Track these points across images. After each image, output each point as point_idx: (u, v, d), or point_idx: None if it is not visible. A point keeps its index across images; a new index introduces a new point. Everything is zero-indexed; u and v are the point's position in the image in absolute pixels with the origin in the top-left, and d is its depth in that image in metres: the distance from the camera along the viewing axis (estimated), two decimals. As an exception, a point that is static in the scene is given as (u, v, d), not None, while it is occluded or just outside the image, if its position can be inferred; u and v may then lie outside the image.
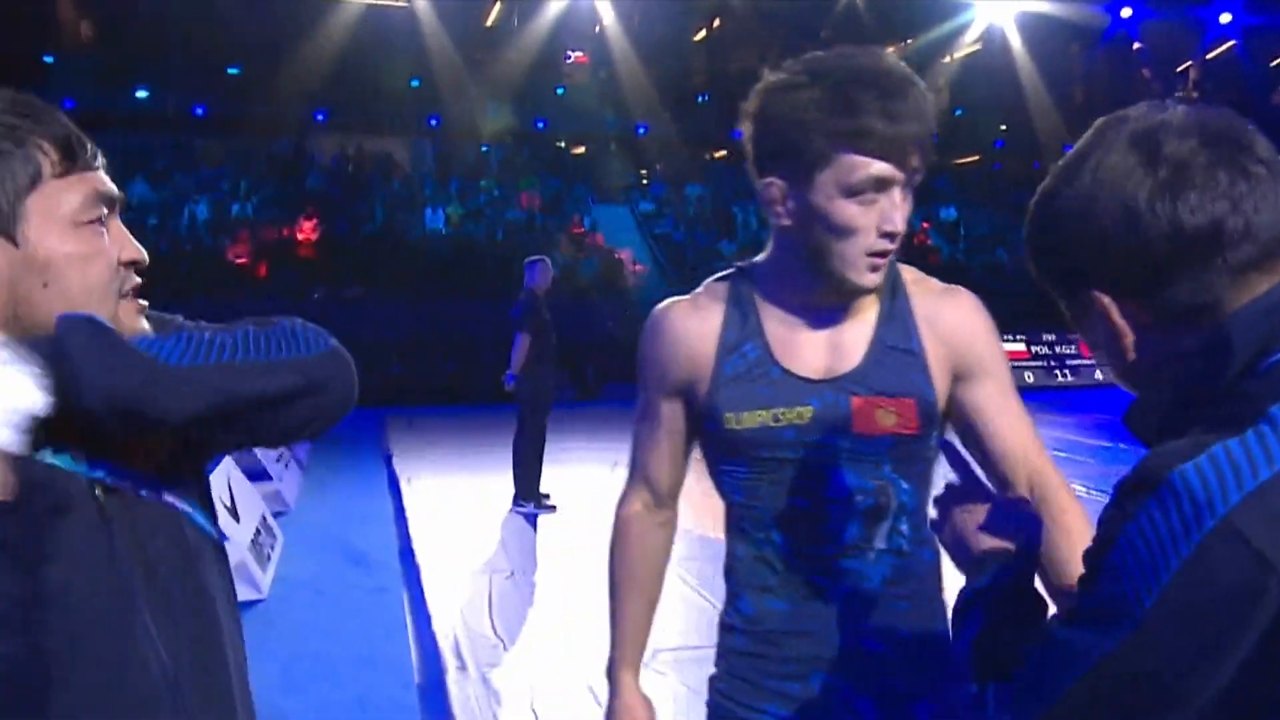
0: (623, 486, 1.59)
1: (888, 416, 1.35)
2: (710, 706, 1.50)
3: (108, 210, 0.98)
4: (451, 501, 7.44)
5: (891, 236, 1.31)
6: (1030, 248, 0.92)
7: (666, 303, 1.51)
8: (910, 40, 21.55)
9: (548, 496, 7.13)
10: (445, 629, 4.64)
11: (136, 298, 1.01)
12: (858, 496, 1.37)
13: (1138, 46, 23.37)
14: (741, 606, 1.46)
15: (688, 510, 1.63)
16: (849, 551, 1.38)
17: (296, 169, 20.11)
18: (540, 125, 21.95)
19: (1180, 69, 23.32)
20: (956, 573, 1.06)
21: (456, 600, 5.06)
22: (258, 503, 5.87)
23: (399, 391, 12.30)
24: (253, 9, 18.60)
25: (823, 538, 1.39)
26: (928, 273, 1.49)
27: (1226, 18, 22.29)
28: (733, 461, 1.42)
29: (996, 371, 1.42)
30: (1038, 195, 0.91)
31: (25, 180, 0.91)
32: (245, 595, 4.67)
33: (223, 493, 5.10)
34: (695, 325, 1.44)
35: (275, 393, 0.94)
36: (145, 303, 1.02)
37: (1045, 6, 21.40)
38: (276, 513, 6.52)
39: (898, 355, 1.38)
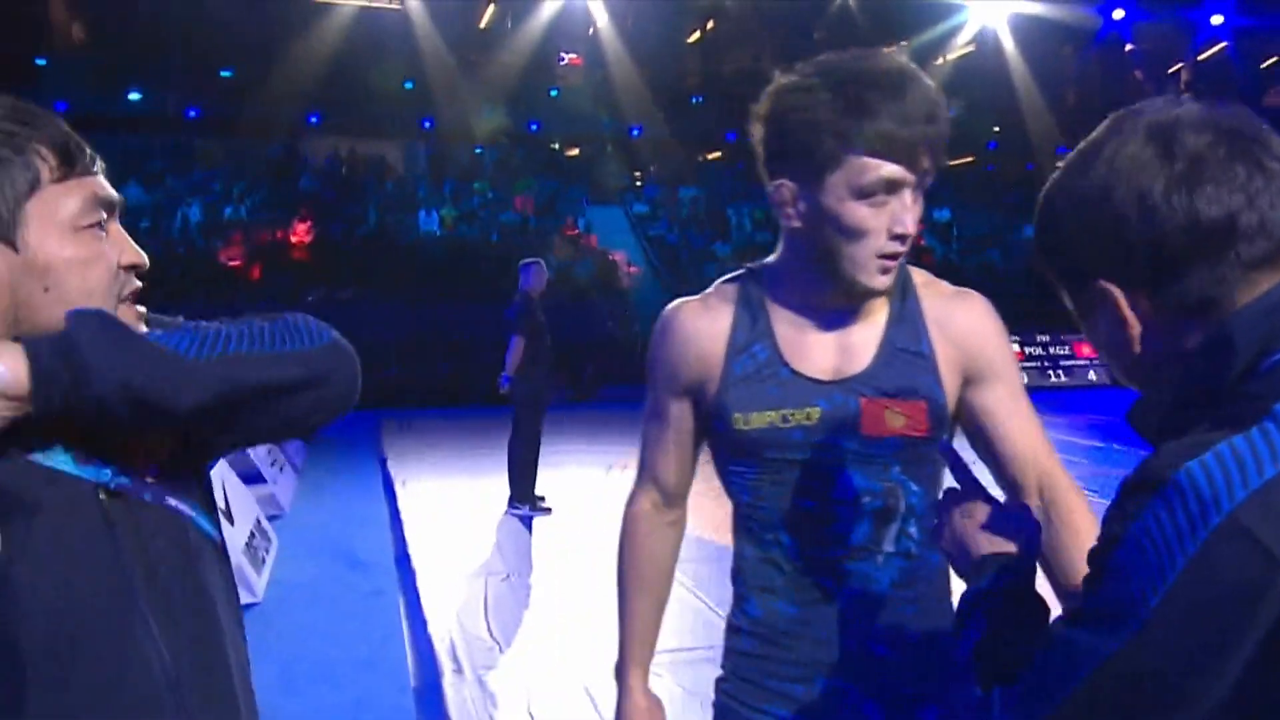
0: (631, 486, 1.58)
1: (896, 418, 1.35)
2: (716, 708, 1.49)
3: (107, 214, 0.98)
4: (447, 504, 7.42)
5: (902, 238, 1.31)
6: (1040, 237, 0.92)
7: (676, 303, 1.50)
8: (904, 42, 21.54)
9: (543, 499, 7.12)
10: (441, 632, 4.63)
11: (136, 302, 1.01)
12: (865, 498, 1.37)
13: (1130, 48, 23.44)
14: (748, 608, 1.46)
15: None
16: (857, 554, 1.38)
17: (290, 171, 20.08)
18: (534, 127, 21.95)
19: (1172, 70, 23.39)
20: None
21: (452, 603, 5.06)
22: (252, 506, 5.85)
23: (394, 394, 12.26)
24: (246, 11, 18.57)
25: (831, 540, 1.38)
26: None
27: (1218, 19, 22.36)
28: (741, 462, 1.42)
29: (1007, 374, 1.42)
30: (1050, 185, 0.90)
31: (25, 186, 0.92)
32: (240, 599, 4.64)
33: (217, 496, 5.07)
34: (705, 325, 1.44)
35: (280, 383, 0.95)
36: (144, 309, 1.02)
37: (1038, 8, 21.46)
38: (271, 516, 6.50)
39: (907, 357, 1.38)
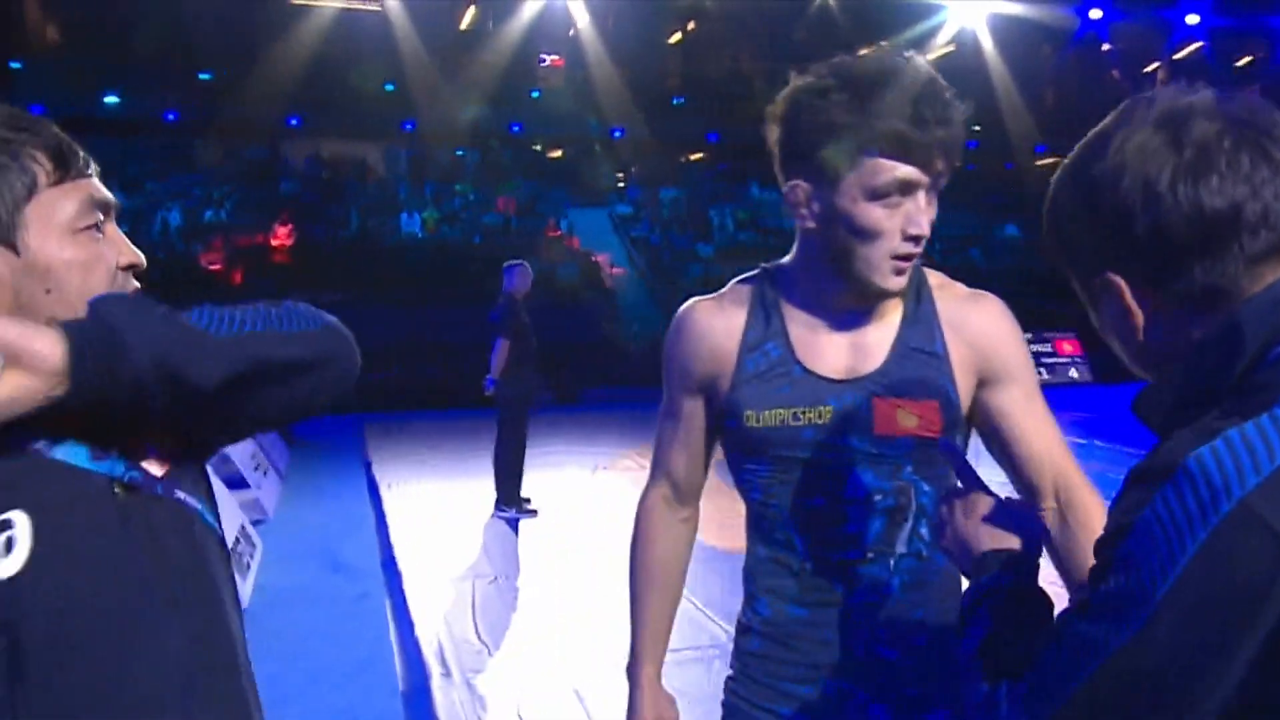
0: (645, 483, 1.59)
1: (909, 418, 1.34)
2: (725, 707, 1.50)
3: (103, 216, 1.00)
4: (433, 507, 7.39)
5: (916, 240, 1.31)
6: (1048, 223, 0.92)
7: (691, 301, 1.51)
8: (884, 42, 21.59)
9: (529, 501, 7.10)
10: (429, 635, 4.61)
11: None
12: (877, 497, 1.37)
13: (1107, 48, 23.64)
14: (759, 608, 1.46)
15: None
16: (868, 554, 1.38)
17: (270, 174, 19.97)
18: (516, 129, 21.90)
19: (1149, 70, 23.60)
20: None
21: (440, 606, 5.04)
22: (236, 511, 5.80)
23: (378, 397, 12.19)
24: (225, 13, 18.45)
25: (841, 540, 1.38)
26: None
27: (1194, 19, 22.59)
28: (753, 460, 1.42)
29: (1022, 376, 1.43)
30: (1059, 171, 0.90)
31: (22, 191, 0.93)
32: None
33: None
34: (719, 323, 1.45)
35: (292, 361, 0.97)
36: None
37: (1016, 8, 21.61)
38: (255, 521, 6.45)
39: (921, 357, 1.38)
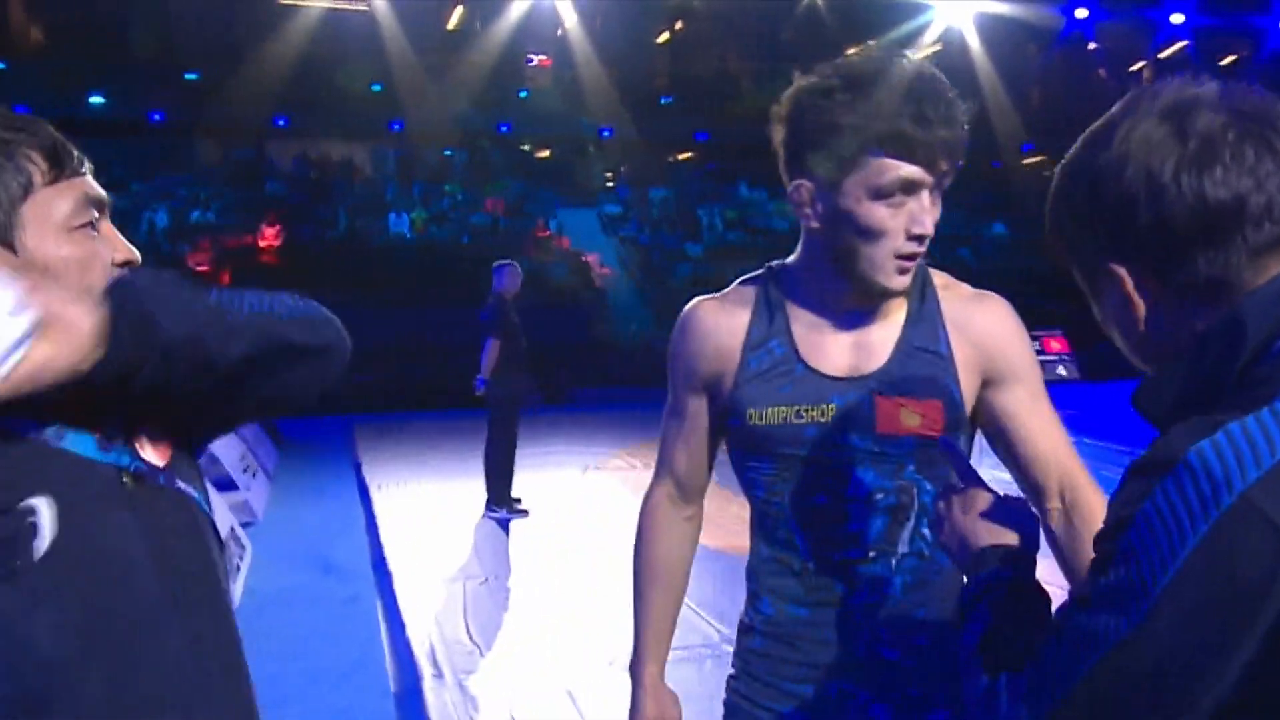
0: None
1: (911, 417, 1.35)
2: (727, 706, 1.50)
3: (98, 214, 1.00)
4: (423, 508, 7.37)
5: (920, 239, 1.32)
6: (1051, 213, 0.91)
7: (696, 300, 1.52)
8: (871, 42, 21.73)
9: (519, 501, 7.09)
10: (420, 636, 4.60)
11: None
12: (879, 496, 1.37)
13: (1093, 47, 23.76)
14: (761, 607, 1.46)
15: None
16: (870, 554, 1.38)
17: (257, 175, 19.89)
18: (504, 129, 21.86)
19: (1134, 69, 23.73)
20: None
21: (431, 607, 5.02)
22: (225, 514, 5.77)
23: (367, 398, 12.15)
24: (210, 13, 18.36)
25: (844, 539, 1.38)
26: None
27: (1178, 18, 22.71)
28: (755, 458, 1.43)
29: (1028, 376, 1.43)
30: (1063, 162, 0.90)
31: (18, 190, 0.94)
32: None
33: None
34: (724, 321, 1.45)
35: (297, 344, 0.98)
36: None
37: (1003, 8, 21.69)
38: (244, 523, 6.42)
39: (924, 357, 1.38)
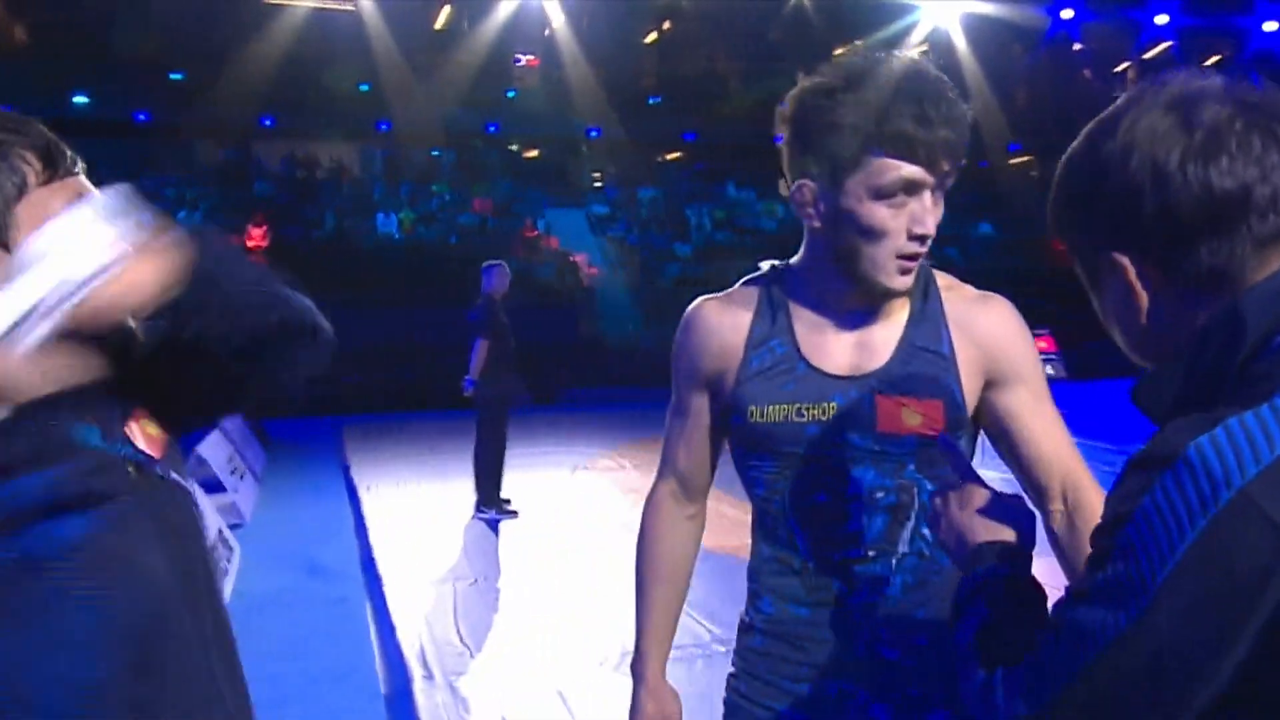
0: (653, 479, 1.60)
1: (913, 416, 1.35)
2: (727, 705, 1.51)
3: None
4: (412, 510, 7.36)
5: (922, 239, 1.33)
6: (1054, 203, 0.91)
7: (700, 299, 1.52)
8: (858, 42, 21.77)
9: (509, 502, 7.09)
10: (410, 638, 4.59)
11: None
12: (879, 495, 1.38)
13: (1078, 47, 23.87)
14: (762, 605, 1.47)
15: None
16: (870, 553, 1.39)
17: (244, 175, 19.78)
18: (492, 129, 21.82)
19: (1119, 69, 23.86)
20: None
21: (421, 609, 5.01)
22: (212, 515, 5.74)
23: (355, 400, 12.13)
24: (196, 13, 18.24)
25: (844, 538, 1.39)
26: None
27: (1163, 19, 22.85)
28: (756, 455, 1.43)
29: (1031, 377, 1.43)
30: (1069, 151, 0.90)
31: (13, 190, 0.95)
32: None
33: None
34: (727, 319, 1.46)
35: (305, 324, 0.99)
36: None
37: (989, 8, 21.77)
38: (232, 525, 6.40)
39: (926, 356, 1.38)
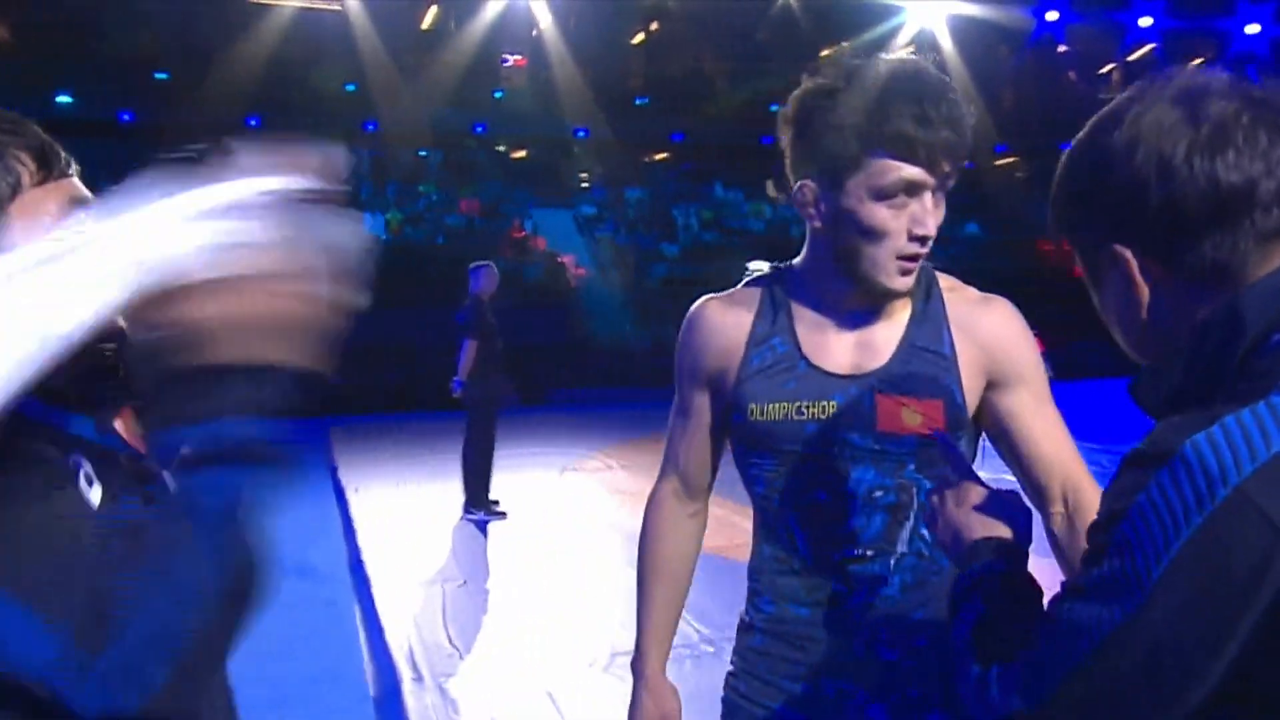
0: (642, 480, 1.60)
1: (913, 416, 1.36)
2: (726, 704, 1.51)
3: None
4: (400, 511, 7.34)
5: (923, 240, 1.33)
6: (1056, 196, 0.91)
7: (703, 299, 1.53)
8: (845, 43, 21.74)
9: (497, 503, 7.07)
10: (399, 640, 4.57)
11: None
12: (878, 494, 1.38)
13: (1063, 49, 24.01)
14: (762, 605, 1.47)
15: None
16: (868, 552, 1.39)
17: (230, 176, 19.65)
18: (479, 129, 21.78)
19: (1103, 71, 24.01)
20: None
21: (409, 610, 5.00)
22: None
23: (342, 401, 12.06)
24: (181, 12, 18.15)
25: (844, 538, 1.39)
26: None
27: (1147, 21, 23.02)
28: (756, 453, 1.44)
29: (1032, 378, 1.44)
30: (1073, 144, 0.90)
31: (7, 191, 0.95)
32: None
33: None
34: (730, 318, 1.47)
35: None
36: None
37: (974, 10, 21.87)
38: (219, 527, 6.37)
39: (927, 357, 1.39)
